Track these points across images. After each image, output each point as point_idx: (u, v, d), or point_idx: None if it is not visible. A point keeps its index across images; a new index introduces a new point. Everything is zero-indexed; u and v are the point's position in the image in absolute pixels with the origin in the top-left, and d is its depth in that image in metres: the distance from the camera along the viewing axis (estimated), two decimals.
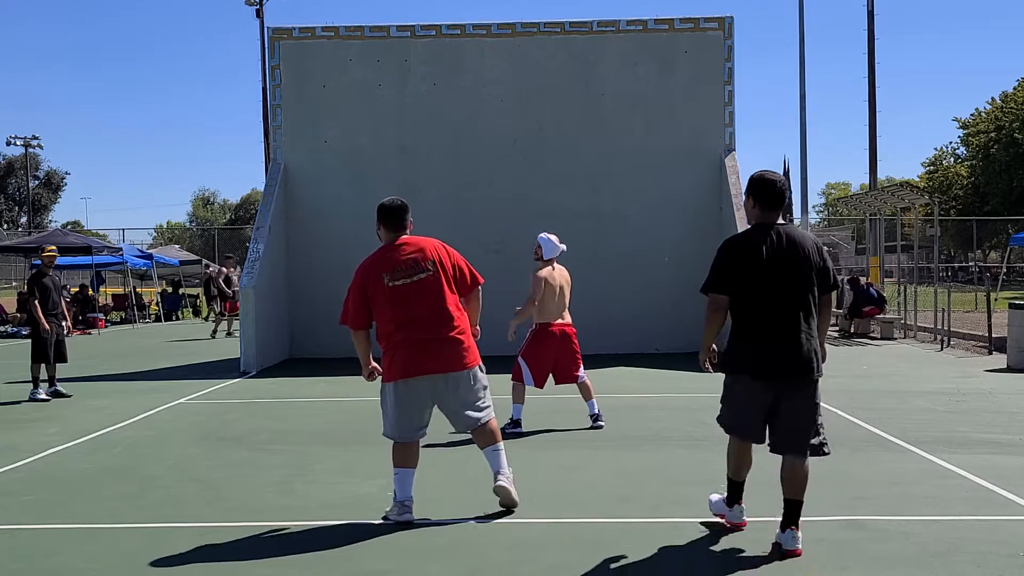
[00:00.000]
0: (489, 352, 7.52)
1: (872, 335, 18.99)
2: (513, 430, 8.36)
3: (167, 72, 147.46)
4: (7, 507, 6.18)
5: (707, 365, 5.23)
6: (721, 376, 5.24)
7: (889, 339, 18.28)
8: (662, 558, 4.97)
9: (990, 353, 15.06)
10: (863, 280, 20.54)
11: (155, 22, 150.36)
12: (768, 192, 5.10)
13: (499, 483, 5.76)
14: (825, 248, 5.27)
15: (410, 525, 5.53)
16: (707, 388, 10.04)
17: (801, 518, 5.01)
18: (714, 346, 5.22)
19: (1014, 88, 50.21)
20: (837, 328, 20.60)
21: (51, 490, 6.63)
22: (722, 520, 5.43)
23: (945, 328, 16.51)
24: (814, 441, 5.03)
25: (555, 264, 8.60)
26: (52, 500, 6.36)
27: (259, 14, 35.26)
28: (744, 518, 5.38)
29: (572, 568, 4.82)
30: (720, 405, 5.30)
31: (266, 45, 18.95)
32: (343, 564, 4.95)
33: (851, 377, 12.53)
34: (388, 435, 5.77)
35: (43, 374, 11.43)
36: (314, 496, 6.34)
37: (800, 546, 4.95)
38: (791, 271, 4.98)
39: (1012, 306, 13.54)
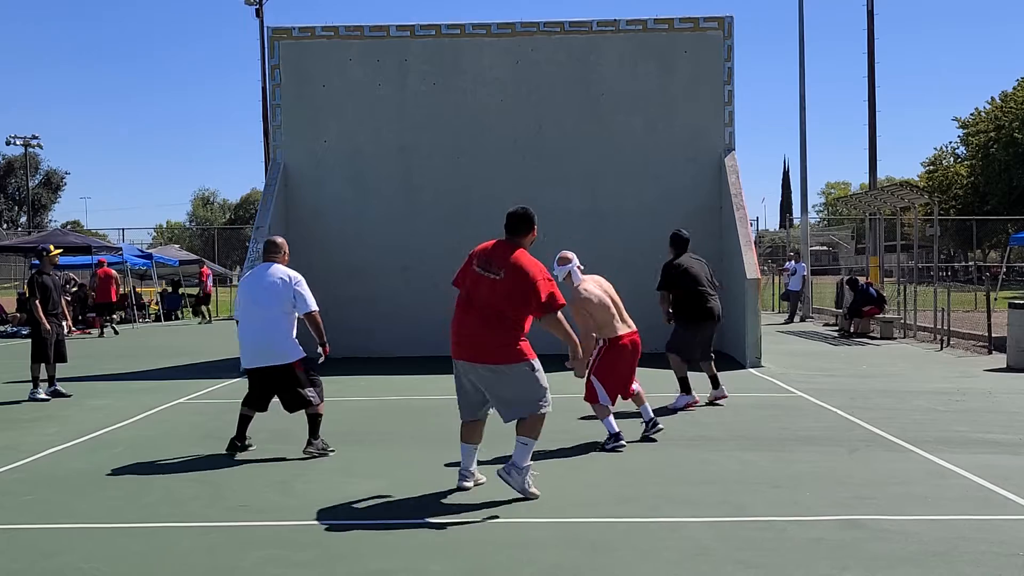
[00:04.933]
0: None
1: (872, 335, 18.99)
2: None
3: (167, 71, 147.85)
4: (7, 507, 6.18)
5: None
6: None
7: (889, 339, 18.28)
8: (662, 558, 4.97)
9: (990, 353, 15.06)
10: (863, 280, 20.55)
11: (155, 22, 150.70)
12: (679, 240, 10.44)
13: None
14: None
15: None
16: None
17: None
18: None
19: (1014, 88, 50.21)
20: (837, 328, 20.61)
21: (51, 490, 6.63)
22: (691, 405, 9.69)
23: (945, 328, 16.51)
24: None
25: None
26: (52, 500, 6.36)
27: (259, 14, 35.16)
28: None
29: (572, 568, 4.82)
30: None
31: (266, 45, 18.97)
32: (343, 564, 4.95)
33: (851, 377, 12.53)
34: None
35: (43, 374, 11.43)
36: (314, 496, 6.33)
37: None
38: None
39: (1012, 306, 13.53)
